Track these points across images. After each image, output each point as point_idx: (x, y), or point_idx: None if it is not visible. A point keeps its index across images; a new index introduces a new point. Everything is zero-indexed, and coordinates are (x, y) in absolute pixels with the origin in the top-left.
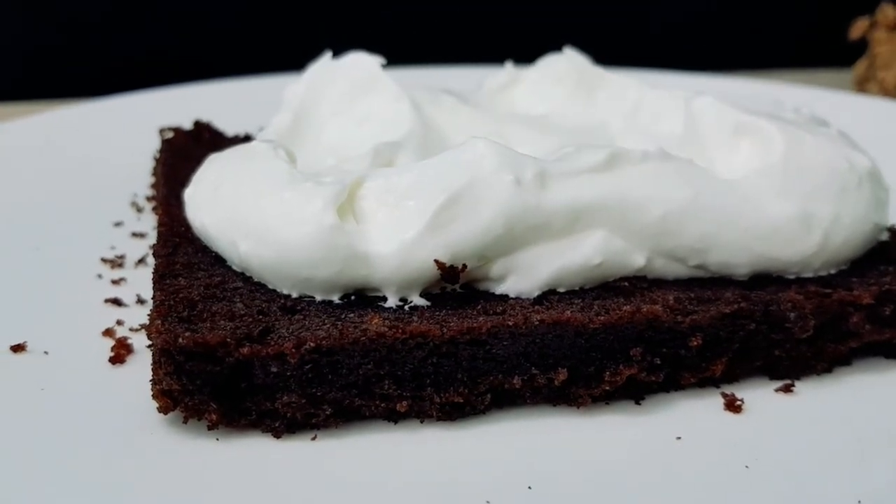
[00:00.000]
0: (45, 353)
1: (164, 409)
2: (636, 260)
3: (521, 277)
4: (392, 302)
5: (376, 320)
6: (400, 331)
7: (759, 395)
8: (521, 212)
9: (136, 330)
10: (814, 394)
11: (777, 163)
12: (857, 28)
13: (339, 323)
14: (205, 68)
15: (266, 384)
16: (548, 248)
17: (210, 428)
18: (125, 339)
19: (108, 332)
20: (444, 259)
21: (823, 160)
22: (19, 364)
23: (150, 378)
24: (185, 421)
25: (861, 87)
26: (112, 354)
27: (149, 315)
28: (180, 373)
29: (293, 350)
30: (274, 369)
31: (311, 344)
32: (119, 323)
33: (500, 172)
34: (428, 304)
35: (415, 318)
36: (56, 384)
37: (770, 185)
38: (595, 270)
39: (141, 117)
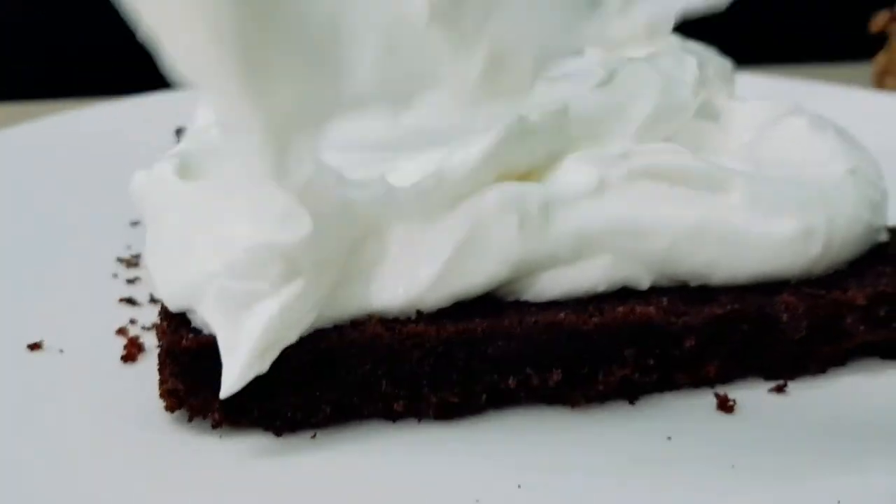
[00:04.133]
0: (61, 351)
1: (170, 408)
2: (641, 284)
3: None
4: None
5: (374, 322)
6: (397, 332)
7: (751, 396)
8: (526, 254)
9: (148, 329)
10: (807, 394)
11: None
12: (878, 21)
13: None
14: None
15: (267, 384)
16: (553, 275)
17: (214, 426)
18: (137, 337)
19: (122, 331)
20: (446, 305)
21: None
22: (36, 362)
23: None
24: (191, 419)
25: (880, 80)
26: (124, 353)
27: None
28: (185, 373)
29: (293, 351)
30: (274, 370)
31: (311, 345)
32: (132, 322)
33: (504, 214)
34: None
35: (411, 320)
36: (70, 382)
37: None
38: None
39: (159, 117)
